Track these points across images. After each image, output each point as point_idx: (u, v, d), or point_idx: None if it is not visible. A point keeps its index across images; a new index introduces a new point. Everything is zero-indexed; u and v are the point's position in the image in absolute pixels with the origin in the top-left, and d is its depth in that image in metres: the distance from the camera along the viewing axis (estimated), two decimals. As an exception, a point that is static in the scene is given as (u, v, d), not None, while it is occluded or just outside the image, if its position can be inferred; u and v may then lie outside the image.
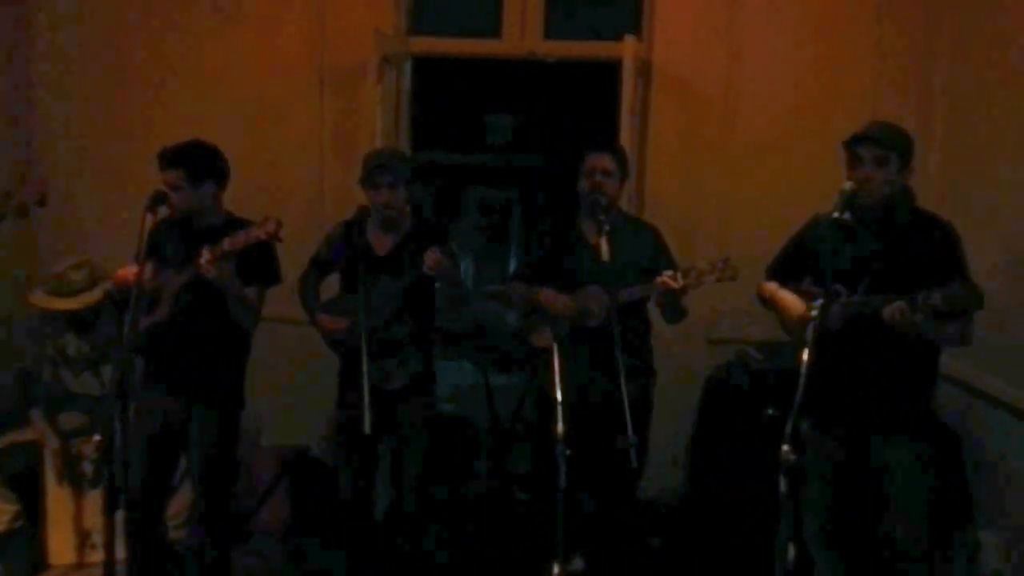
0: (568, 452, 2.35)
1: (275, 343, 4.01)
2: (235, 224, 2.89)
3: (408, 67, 4.20)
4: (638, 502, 3.36)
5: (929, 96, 3.74)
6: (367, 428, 2.42)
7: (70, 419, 3.45)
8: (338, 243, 3.12)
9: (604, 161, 3.08)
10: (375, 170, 2.99)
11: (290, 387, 4.13)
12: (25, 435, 3.46)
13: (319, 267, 3.21)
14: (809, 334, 2.24)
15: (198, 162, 2.86)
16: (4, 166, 3.95)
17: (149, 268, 2.83)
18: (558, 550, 2.40)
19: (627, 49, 3.78)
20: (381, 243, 3.08)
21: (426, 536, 3.33)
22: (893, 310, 2.32)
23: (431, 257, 2.82)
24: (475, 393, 4.69)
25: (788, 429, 2.10)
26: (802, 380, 2.15)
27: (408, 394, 3.06)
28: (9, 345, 3.85)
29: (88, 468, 3.35)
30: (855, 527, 2.63)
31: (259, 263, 2.89)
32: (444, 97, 5.59)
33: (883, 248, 2.51)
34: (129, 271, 2.84)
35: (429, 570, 3.33)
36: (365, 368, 2.53)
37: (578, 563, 3.17)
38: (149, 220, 2.66)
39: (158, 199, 2.74)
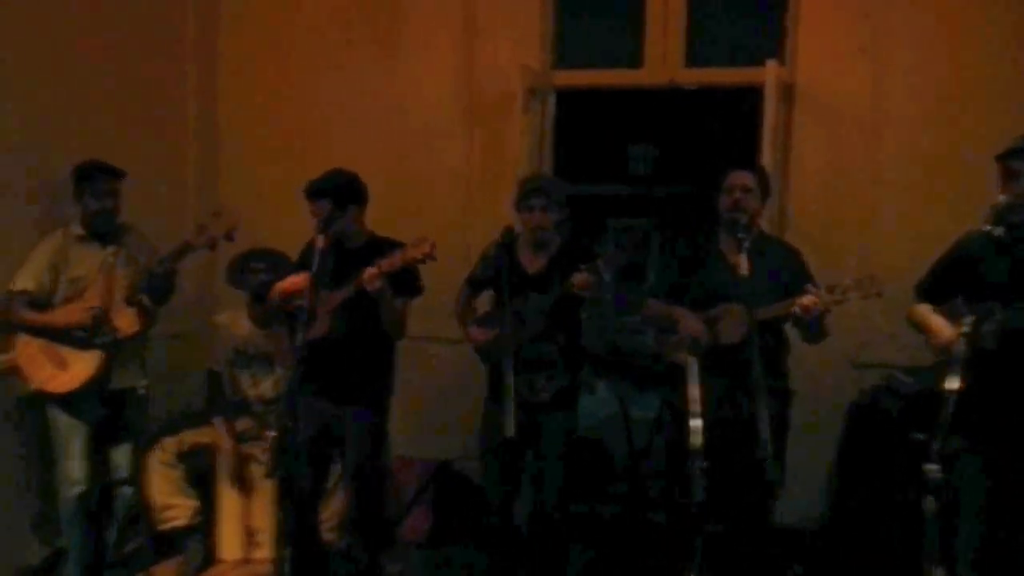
0: (705, 464, 2.37)
1: (421, 361, 4.25)
2: (377, 243, 3.16)
3: (552, 99, 4.35)
4: (776, 527, 3.29)
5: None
6: (511, 431, 2.52)
7: (243, 423, 3.76)
8: (491, 261, 3.28)
9: (745, 178, 3.08)
10: (530, 193, 3.17)
11: (435, 403, 4.32)
12: (207, 436, 3.78)
13: (473, 285, 3.42)
14: (960, 350, 2.19)
15: (341, 190, 3.12)
16: (197, 200, 4.39)
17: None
18: (695, 564, 2.42)
19: (769, 74, 3.78)
20: (532, 262, 3.24)
21: (571, 547, 3.39)
22: None
23: (579, 278, 2.96)
24: (612, 423, 4.74)
25: (934, 447, 2.06)
26: (951, 398, 2.10)
27: (552, 408, 3.18)
28: (199, 352, 4.24)
29: (256, 470, 3.64)
30: (1008, 554, 2.50)
31: (404, 277, 3.10)
32: (587, 129, 5.71)
33: (1040, 263, 2.41)
34: (295, 281, 3.10)
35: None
36: (510, 374, 2.65)
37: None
38: (322, 240, 2.88)
39: (332, 220, 3.00)
